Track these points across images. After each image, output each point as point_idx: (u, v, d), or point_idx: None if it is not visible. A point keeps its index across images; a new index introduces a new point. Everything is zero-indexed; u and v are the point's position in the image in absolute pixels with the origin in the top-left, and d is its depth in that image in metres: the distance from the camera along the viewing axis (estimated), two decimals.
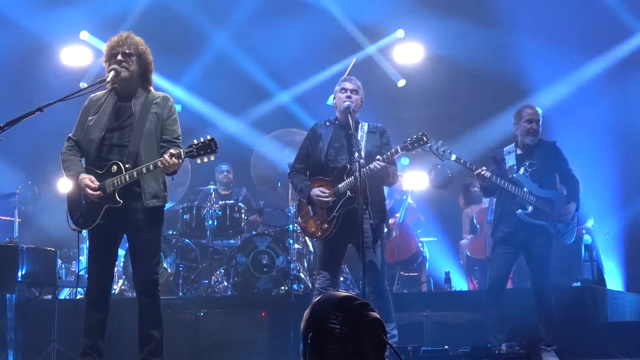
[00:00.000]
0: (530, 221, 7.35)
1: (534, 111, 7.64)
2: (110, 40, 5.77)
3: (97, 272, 5.73)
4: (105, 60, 5.77)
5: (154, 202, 5.67)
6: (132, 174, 5.53)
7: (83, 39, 12.24)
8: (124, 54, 5.67)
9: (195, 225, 10.28)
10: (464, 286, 10.97)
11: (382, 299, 6.47)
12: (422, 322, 8.46)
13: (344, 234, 6.49)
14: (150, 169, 5.52)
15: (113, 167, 5.60)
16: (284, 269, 9.67)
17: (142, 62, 5.77)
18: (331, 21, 12.31)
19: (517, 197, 7.36)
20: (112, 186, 5.56)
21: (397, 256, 10.33)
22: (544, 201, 7.39)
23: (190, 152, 5.50)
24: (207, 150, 5.50)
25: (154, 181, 5.68)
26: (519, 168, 7.50)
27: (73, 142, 5.83)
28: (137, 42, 5.77)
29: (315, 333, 3.03)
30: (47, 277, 8.61)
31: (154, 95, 5.84)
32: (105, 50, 5.78)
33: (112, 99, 5.78)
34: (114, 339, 7.91)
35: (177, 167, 5.54)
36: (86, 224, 5.70)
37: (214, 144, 5.50)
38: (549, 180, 7.56)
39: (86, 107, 5.88)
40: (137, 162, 5.59)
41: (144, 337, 5.68)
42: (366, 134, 6.66)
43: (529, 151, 7.58)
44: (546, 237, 7.41)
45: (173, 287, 9.88)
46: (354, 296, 3.11)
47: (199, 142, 5.52)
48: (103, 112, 5.74)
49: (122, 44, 5.69)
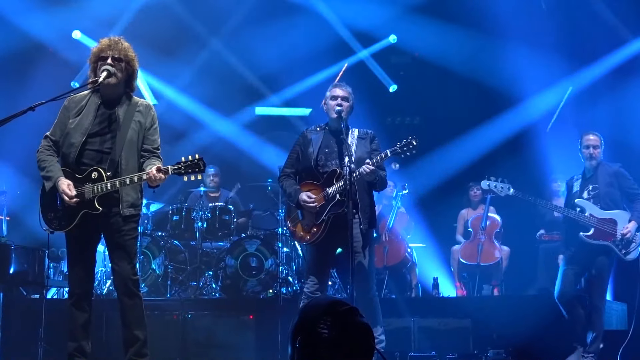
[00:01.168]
0: (591, 242, 7.70)
1: (591, 137, 7.96)
2: (101, 42, 5.73)
3: (78, 274, 5.69)
4: (92, 61, 5.71)
5: (131, 211, 5.68)
6: (115, 183, 5.51)
7: (75, 38, 12.21)
8: (113, 58, 5.64)
9: (184, 226, 10.28)
10: (452, 292, 11.01)
11: (371, 304, 6.47)
12: (410, 328, 8.49)
13: (333, 238, 6.49)
14: (135, 181, 5.52)
15: (94, 174, 5.57)
16: (272, 272, 9.68)
17: (130, 69, 5.75)
18: (324, 25, 12.34)
19: (580, 221, 7.72)
20: (91, 193, 5.53)
21: (385, 261, 10.36)
22: (606, 222, 7.71)
23: (177, 169, 5.53)
24: (195, 170, 5.54)
25: (132, 190, 5.67)
26: (582, 192, 7.89)
27: (51, 142, 5.76)
28: (127, 48, 5.74)
29: (304, 337, 3.03)
30: (35, 276, 8.61)
31: (136, 102, 5.82)
32: (94, 51, 5.72)
33: (94, 102, 5.73)
34: (101, 340, 7.94)
35: (161, 182, 5.55)
36: (61, 227, 5.67)
37: (203, 163, 5.55)
38: (612, 200, 7.84)
39: (66, 107, 5.81)
40: (118, 170, 5.58)
41: (128, 339, 5.66)
42: (356, 139, 6.65)
43: (591, 175, 7.95)
44: (607, 256, 7.78)
45: (161, 289, 9.88)
46: (342, 301, 3.12)
47: (187, 161, 5.55)
48: (85, 115, 5.69)
49: (112, 48, 5.66)
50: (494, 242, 10.77)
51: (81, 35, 12.19)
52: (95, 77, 5.63)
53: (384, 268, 10.31)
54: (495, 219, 10.94)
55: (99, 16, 11.78)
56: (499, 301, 9.85)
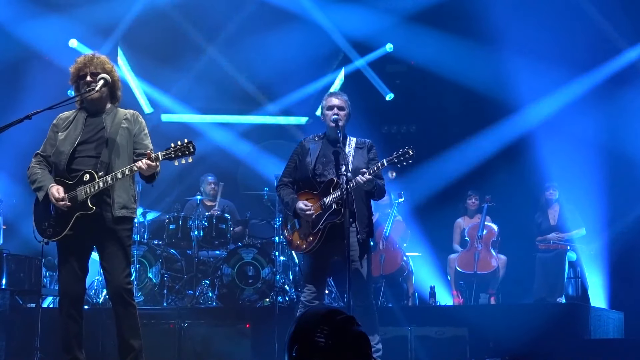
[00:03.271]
0: None
1: None
2: (76, 61, 5.79)
3: (68, 284, 5.67)
4: (73, 81, 5.79)
5: (123, 212, 5.65)
6: (106, 180, 5.52)
7: (72, 47, 12.20)
8: (92, 74, 5.69)
9: (181, 235, 10.27)
10: (448, 301, 11.00)
11: (368, 313, 6.46)
12: (407, 337, 8.48)
13: (330, 247, 6.48)
14: (126, 173, 5.52)
15: (85, 176, 5.58)
16: (269, 280, 9.67)
17: (110, 81, 5.76)
18: (321, 34, 12.35)
19: None
20: (84, 193, 5.53)
21: (382, 270, 10.35)
22: None
23: (168, 154, 5.54)
24: (185, 152, 5.54)
25: (124, 192, 5.67)
26: None
27: (41, 157, 5.80)
28: (104, 62, 5.77)
29: (301, 346, 3.03)
30: (31, 285, 8.59)
31: (123, 113, 5.84)
32: (72, 71, 5.78)
33: (81, 116, 5.79)
34: (97, 349, 7.92)
35: (154, 170, 5.56)
36: (55, 234, 5.65)
37: (192, 146, 5.54)
38: None
39: (55, 124, 5.85)
40: (109, 172, 5.58)
41: (123, 348, 5.64)
42: (354, 149, 6.65)
43: None
44: None
45: (157, 297, 9.86)
46: (339, 310, 3.12)
47: (176, 145, 5.55)
48: (73, 127, 5.74)
49: (89, 65, 5.71)
50: (490, 251, 10.78)
51: (78, 44, 12.19)
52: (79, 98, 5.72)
53: (381, 277, 10.31)
54: (492, 227, 10.95)
55: (96, 25, 11.79)
56: (495, 310, 9.85)
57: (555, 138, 11.41)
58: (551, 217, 10.80)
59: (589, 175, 11.08)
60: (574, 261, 10.42)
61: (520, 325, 8.38)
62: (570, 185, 11.01)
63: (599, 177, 11.14)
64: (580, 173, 11.05)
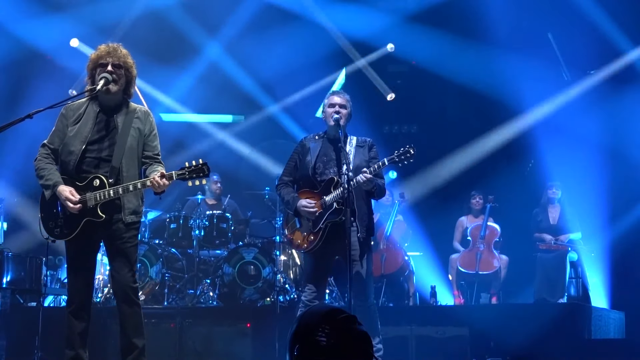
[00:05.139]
0: None
1: None
2: (99, 48, 5.68)
3: (77, 283, 5.66)
4: (90, 68, 5.68)
5: (133, 218, 5.65)
6: (118, 190, 5.49)
7: (73, 46, 12.21)
8: (113, 65, 5.61)
9: (182, 234, 10.27)
10: (449, 301, 11.00)
11: (369, 313, 6.46)
12: (408, 336, 8.47)
13: (331, 246, 6.48)
14: (138, 187, 5.51)
15: (95, 181, 5.53)
16: (270, 280, 9.67)
17: (129, 76, 5.73)
18: (322, 34, 12.35)
19: None
20: (94, 200, 5.50)
21: (383, 270, 10.34)
22: None
23: (182, 174, 5.53)
24: (200, 174, 5.54)
25: (134, 197, 5.65)
26: None
27: (49, 150, 5.72)
28: (126, 55, 5.71)
29: (302, 345, 3.03)
30: (32, 284, 8.59)
31: (134, 109, 5.79)
32: (93, 58, 5.68)
33: (92, 110, 5.70)
34: (99, 347, 7.91)
35: (166, 188, 5.53)
36: (62, 236, 5.63)
37: (207, 168, 5.55)
38: None
39: (63, 115, 5.75)
40: (120, 177, 5.56)
41: (126, 346, 5.62)
42: (355, 147, 6.65)
43: None
44: None
45: (158, 297, 9.85)
46: (340, 309, 3.12)
47: (191, 165, 5.55)
48: (84, 123, 5.65)
49: (112, 55, 5.62)
50: (492, 251, 10.78)
51: (79, 43, 12.20)
52: (93, 85, 5.61)
53: (382, 276, 10.30)
54: (495, 227, 10.95)
55: (97, 24, 11.79)
56: (497, 310, 9.84)
57: (556, 138, 11.41)
58: (551, 216, 10.79)
59: (591, 175, 11.08)
60: (574, 261, 10.41)
61: (521, 326, 8.38)
62: (572, 185, 11.00)
63: (599, 177, 11.13)
64: (582, 173, 11.04)
